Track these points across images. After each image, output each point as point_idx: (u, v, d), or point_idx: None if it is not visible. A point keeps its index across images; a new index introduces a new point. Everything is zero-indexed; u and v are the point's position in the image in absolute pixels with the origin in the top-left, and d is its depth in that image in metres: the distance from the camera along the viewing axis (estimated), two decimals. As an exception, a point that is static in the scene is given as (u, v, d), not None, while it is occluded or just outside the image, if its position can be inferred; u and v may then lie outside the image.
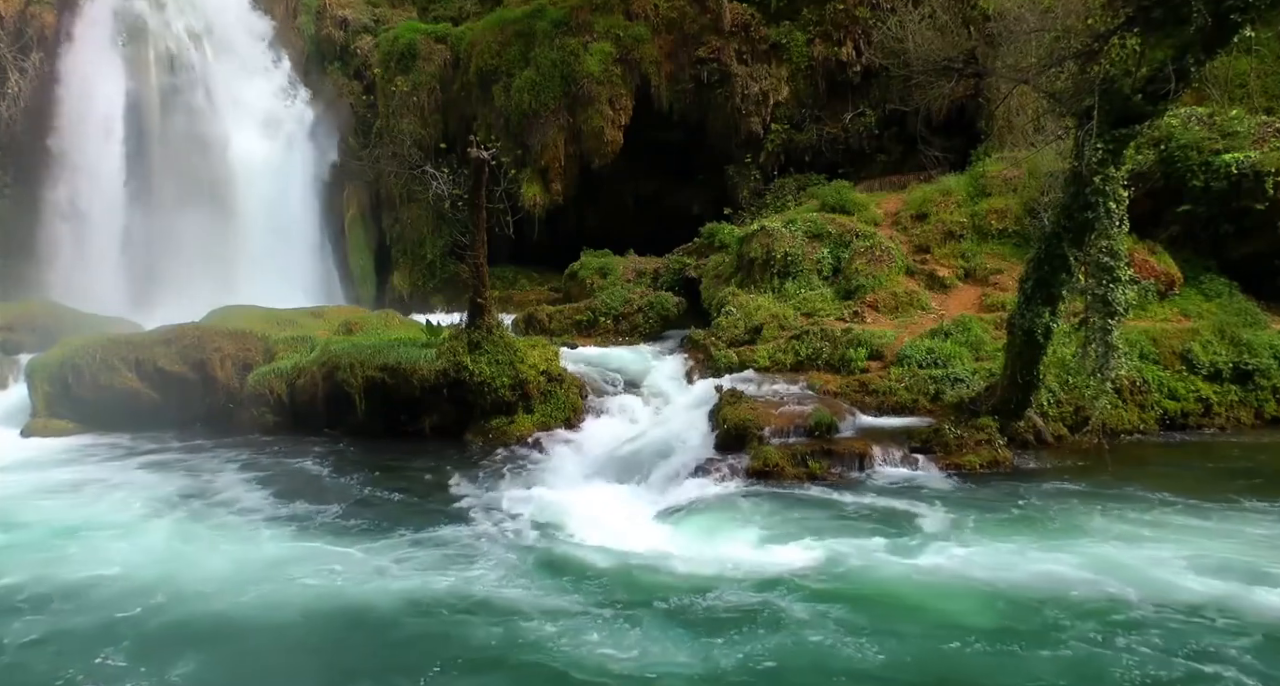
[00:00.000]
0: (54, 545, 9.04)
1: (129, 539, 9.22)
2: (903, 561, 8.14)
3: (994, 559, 8.14)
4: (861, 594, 7.49)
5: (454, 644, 6.82)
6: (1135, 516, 9.20)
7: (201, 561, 8.53)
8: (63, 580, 8.05)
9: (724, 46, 21.69)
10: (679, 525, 9.36)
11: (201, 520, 9.82)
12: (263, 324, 15.79)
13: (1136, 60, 10.02)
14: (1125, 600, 7.23)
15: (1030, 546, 8.42)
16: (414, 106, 23.68)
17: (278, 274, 22.18)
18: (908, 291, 15.73)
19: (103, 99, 22.74)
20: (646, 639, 6.78)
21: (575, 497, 10.11)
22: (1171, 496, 9.72)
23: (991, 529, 8.94)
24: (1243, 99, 16.60)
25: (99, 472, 11.98)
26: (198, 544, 9.06)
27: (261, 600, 7.61)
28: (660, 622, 7.04)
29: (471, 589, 7.77)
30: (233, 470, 11.92)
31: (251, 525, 9.64)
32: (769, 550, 8.50)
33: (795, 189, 20.92)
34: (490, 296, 13.92)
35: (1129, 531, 8.77)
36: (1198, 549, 8.24)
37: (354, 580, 8.00)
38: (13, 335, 17.00)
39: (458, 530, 9.35)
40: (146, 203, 22.61)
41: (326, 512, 10.00)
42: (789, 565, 8.08)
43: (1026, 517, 9.27)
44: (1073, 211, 10.57)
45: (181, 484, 11.26)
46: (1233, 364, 13.22)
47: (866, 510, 9.62)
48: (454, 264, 22.98)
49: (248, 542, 9.11)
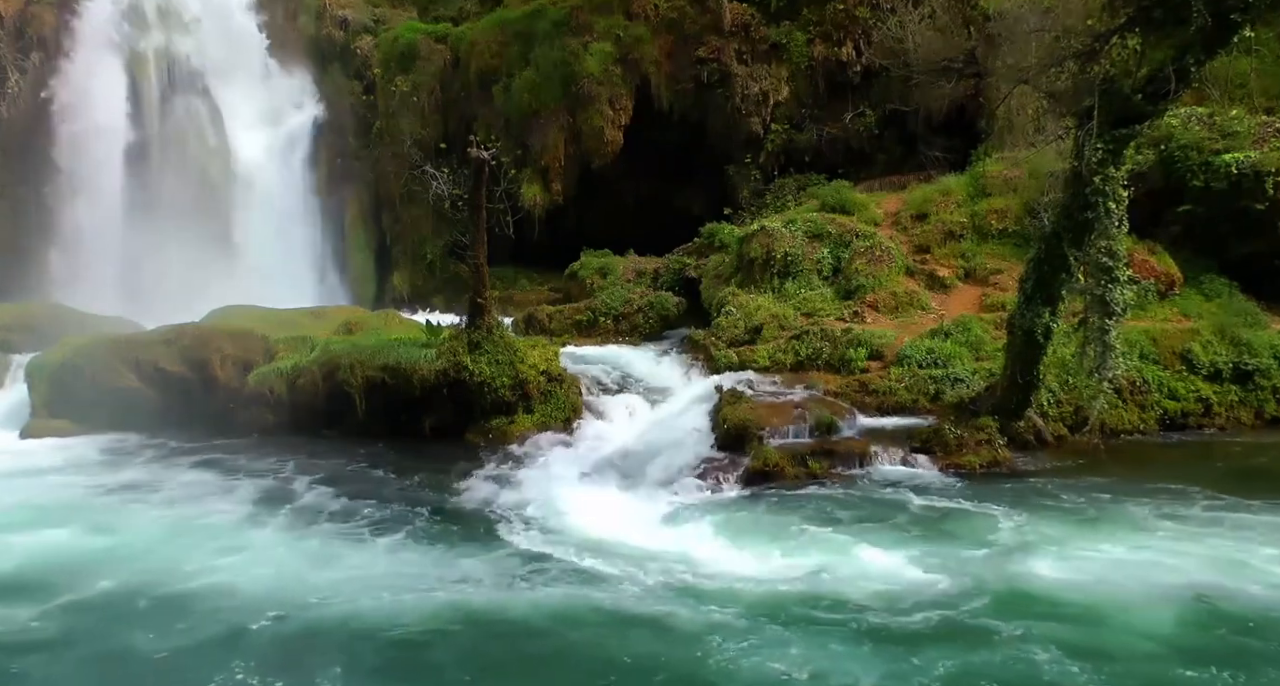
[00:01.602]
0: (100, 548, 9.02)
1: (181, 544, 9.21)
2: (902, 561, 8.14)
3: (990, 559, 8.15)
4: (861, 593, 7.49)
5: (453, 642, 6.82)
6: (1134, 517, 9.21)
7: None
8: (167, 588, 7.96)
9: (724, 46, 21.67)
10: (679, 525, 9.35)
11: (207, 521, 9.82)
12: (263, 324, 15.76)
13: (1136, 60, 10.03)
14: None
15: (1028, 547, 8.43)
16: (414, 106, 23.65)
17: (278, 274, 22.16)
18: (908, 291, 15.72)
19: (103, 99, 22.71)
20: (654, 640, 6.78)
21: (575, 498, 10.10)
22: (1172, 495, 9.73)
23: (991, 530, 8.95)
24: (1243, 99, 16.57)
25: (104, 476, 11.97)
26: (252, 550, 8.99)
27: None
28: (661, 622, 7.04)
29: (473, 588, 7.77)
30: (234, 470, 11.93)
31: (254, 525, 9.65)
32: (768, 550, 8.49)
33: (795, 189, 20.91)
34: (490, 296, 13.91)
35: (1130, 532, 8.78)
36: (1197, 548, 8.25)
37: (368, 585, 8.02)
38: (12, 335, 16.96)
39: (458, 531, 9.35)
40: (146, 203, 22.56)
41: (327, 513, 9.99)
42: (789, 565, 8.08)
43: (1025, 519, 9.28)
44: (1073, 211, 10.57)
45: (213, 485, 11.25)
46: (1233, 364, 13.21)
47: (866, 510, 9.63)
48: (454, 264, 22.95)
49: (250, 541, 9.11)
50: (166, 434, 13.92)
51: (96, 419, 14.26)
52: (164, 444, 13.49)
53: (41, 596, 7.70)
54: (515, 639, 6.92)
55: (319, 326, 16.30)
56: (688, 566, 8.15)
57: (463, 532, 9.30)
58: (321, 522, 9.68)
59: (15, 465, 12.44)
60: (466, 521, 9.67)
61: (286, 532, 9.40)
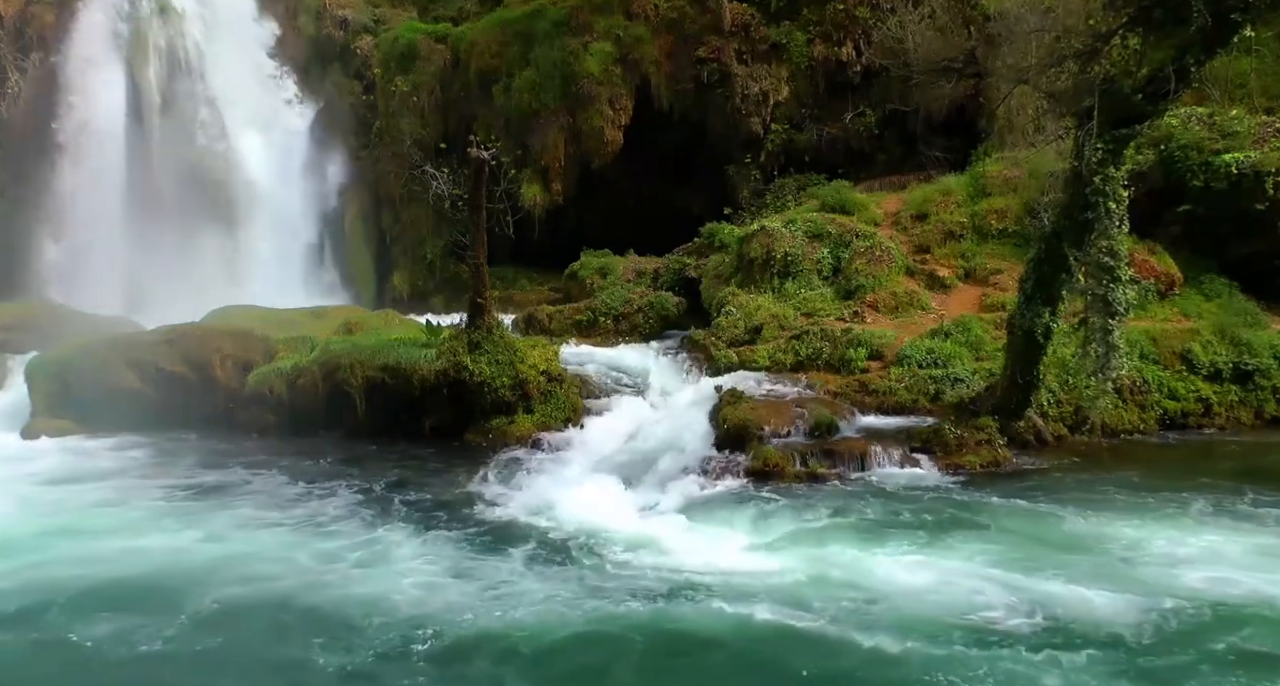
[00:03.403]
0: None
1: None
2: (900, 562, 8.14)
3: (988, 561, 8.15)
4: (864, 593, 7.49)
5: (450, 641, 6.83)
6: (1134, 517, 9.22)
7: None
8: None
9: (724, 46, 21.68)
10: (679, 525, 9.34)
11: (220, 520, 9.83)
12: (263, 324, 15.77)
13: (1136, 60, 10.03)
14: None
15: (1027, 547, 8.43)
16: (414, 106, 23.66)
17: (278, 274, 22.17)
18: (908, 291, 15.72)
19: (103, 99, 22.72)
20: (653, 641, 6.78)
21: (576, 498, 10.09)
22: (1172, 495, 9.73)
23: (990, 530, 8.96)
24: (1243, 99, 16.57)
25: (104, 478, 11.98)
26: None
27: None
28: (660, 623, 7.04)
29: (473, 588, 7.78)
30: (234, 470, 11.94)
31: (253, 525, 9.66)
32: (768, 549, 8.50)
33: (795, 189, 20.91)
34: (490, 296, 13.91)
35: (1130, 532, 8.78)
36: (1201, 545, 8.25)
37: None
38: (13, 335, 16.94)
39: (458, 530, 9.35)
40: (146, 203, 22.56)
41: (328, 514, 9.99)
42: (790, 565, 8.08)
43: (1024, 519, 9.28)
44: (1073, 211, 10.57)
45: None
46: (1233, 364, 13.21)
47: (866, 510, 9.63)
48: (454, 264, 22.95)
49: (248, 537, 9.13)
50: (166, 434, 13.92)
51: (97, 419, 14.26)
52: (164, 444, 13.48)
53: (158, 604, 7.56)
54: (516, 639, 6.92)
55: (319, 326, 16.31)
56: (688, 566, 8.14)
57: (463, 533, 9.29)
58: (320, 522, 9.68)
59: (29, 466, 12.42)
60: (467, 522, 9.66)
61: (287, 531, 9.39)
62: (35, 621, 7.27)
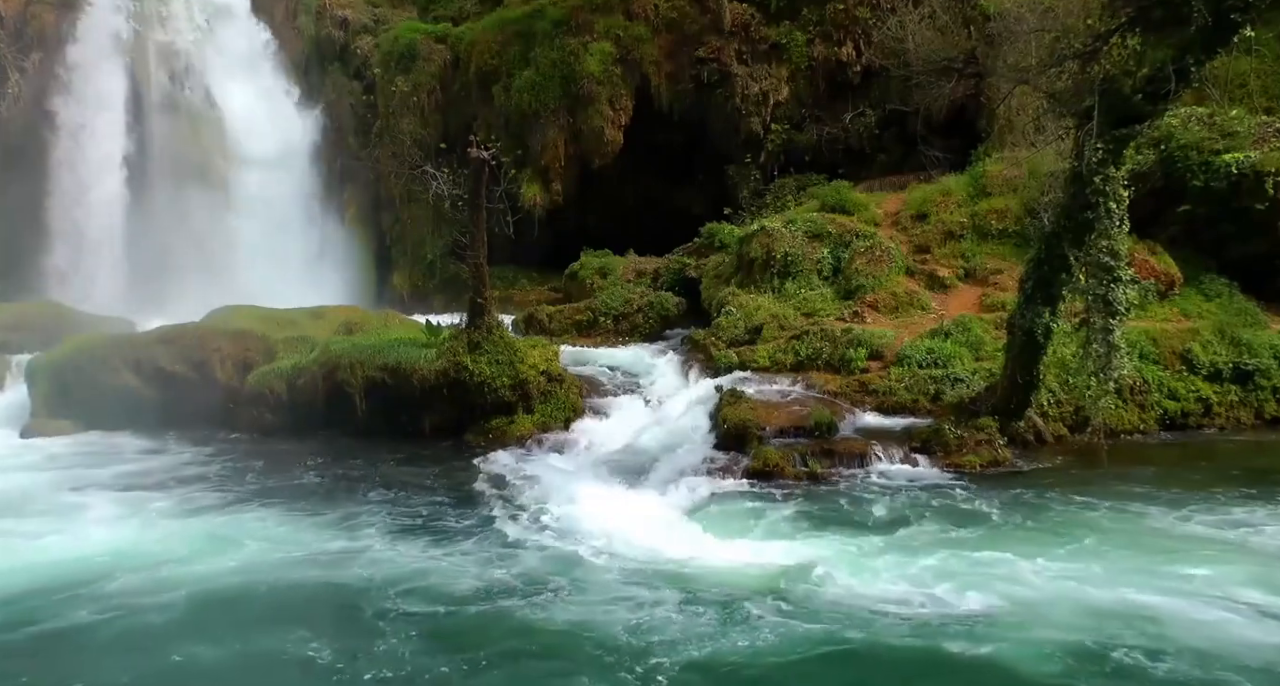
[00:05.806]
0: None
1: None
2: (900, 561, 8.14)
3: (986, 563, 8.15)
4: (864, 593, 7.49)
5: (452, 637, 6.83)
6: (1134, 517, 9.22)
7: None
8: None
9: (724, 46, 21.68)
10: (678, 525, 9.35)
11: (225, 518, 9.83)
12: (263, 324, 15.77)
13: (1136, 60, 10.03)
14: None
15: (1027, 547, 8.43)
16: (414, 106, 23.67)
17: (278, 274, 22.16)
18: (908, 291, 15.72)
19: (103, 99, 22.74)
20: (653, 634, 6.79)
21: (576, 498, 10.09)
22: (1173, 495, 9.73)
23: (990, 530, 8.95)
24: (1243, 99, 16.59)
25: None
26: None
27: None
28: (660, 623, 7.04)
29: (471, 589, 7.78)
30: (233, 470, 11.95)
31: (252, 525, 9.66)
32: (767, 549, 8.50)
33: (795, 189, 20.91)
34: (490, 296, 13.92)
35: (1129, 531, 8.78)
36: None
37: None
38: (13, 335, 16.96)
39: (458, 530, 9.35)
40: (146, 203, 22.60)
41: (328, 514, 10.00)
42: (789, 565, 8.07)
43: (1025, 519, 9.28)
44: (1073, 211, 10.57)
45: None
46: (1233, 364, 13.21)
47: (865, 510, 9.63)
48: (454, 264, 22.94)
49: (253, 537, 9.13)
50: (166, 434, 13.93)
51: (96, 418, 14.28)
52: (164, 444, 13.49)
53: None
54: (515, 638, 6.92)
55: (319, 326, 16.31)
56: (688, 566, 8.15)
57: (463, 533, 9.29)
58: (320, 522, 9.68)
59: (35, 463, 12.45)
60: (466, 521, 9.65)
61: (287, 531, 9.39)
62: (35, 621, 7.28)
